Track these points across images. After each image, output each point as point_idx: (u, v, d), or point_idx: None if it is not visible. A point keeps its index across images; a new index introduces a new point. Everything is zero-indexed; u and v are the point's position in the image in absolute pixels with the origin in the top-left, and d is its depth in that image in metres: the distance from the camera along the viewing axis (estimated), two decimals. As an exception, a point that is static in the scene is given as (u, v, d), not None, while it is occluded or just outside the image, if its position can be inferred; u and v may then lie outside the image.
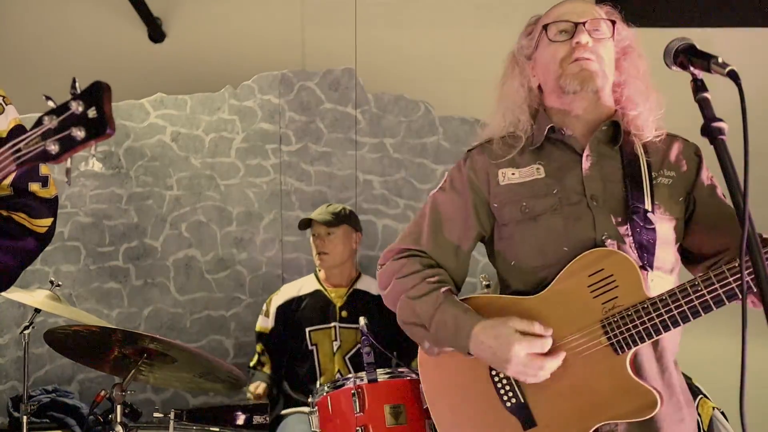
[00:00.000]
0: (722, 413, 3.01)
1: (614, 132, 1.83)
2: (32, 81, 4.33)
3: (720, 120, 1.35)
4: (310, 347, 3.47)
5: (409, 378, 2.70)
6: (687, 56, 1.46)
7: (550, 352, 1.69)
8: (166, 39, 4.75)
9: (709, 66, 1.41)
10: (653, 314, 1.62)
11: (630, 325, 1.64)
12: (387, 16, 4.77)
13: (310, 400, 2.80)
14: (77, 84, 1.26)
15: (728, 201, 1.67)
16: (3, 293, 2.85)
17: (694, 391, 3.04)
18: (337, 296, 3.56)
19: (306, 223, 3.63)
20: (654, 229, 1.73)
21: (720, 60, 1.40)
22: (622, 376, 1.66)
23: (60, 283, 3.33)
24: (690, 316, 1.60)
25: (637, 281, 1.66)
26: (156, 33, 4.71)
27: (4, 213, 1.94)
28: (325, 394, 2.73)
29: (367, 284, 3.65)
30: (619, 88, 1.85)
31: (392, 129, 4.36)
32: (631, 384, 1.66)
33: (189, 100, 4.29)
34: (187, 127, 4.27)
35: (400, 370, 2.73)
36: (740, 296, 1.48)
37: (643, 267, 1.70)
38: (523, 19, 2.00)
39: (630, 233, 1.72)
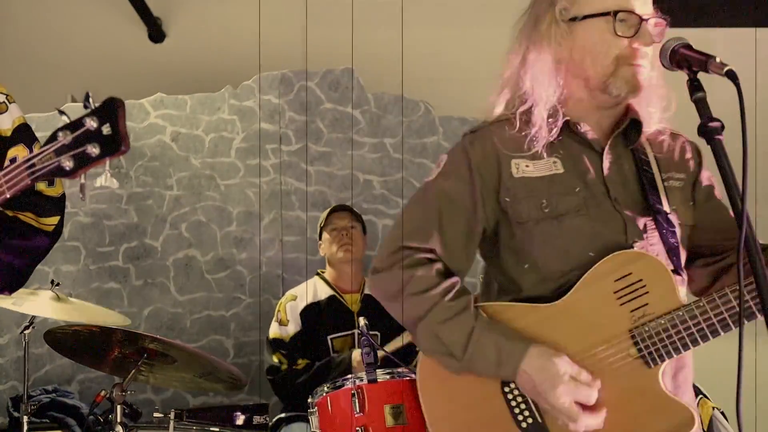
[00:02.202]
0: (722, 413, 3.00)
1: (629, 130, 1.68)
2: (32, 81, 4.33)
3: (717, 120, 1.35)
4: (332, 354, 3.44)
5: (409, 378, 2.70)
6: (684, 56, 1.45)
7: (592, 408, 1.52)
8: (166, 39, 4.75)
9: (707, 66, 1.40)
10: (690, 323, 1.49)
11: (664, 335, 1.50)
12: (387, 16, 4.76)
13: (309, 400, 2.79)
14: (91, 99, 1.27)
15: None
16: (7, 300, 2.85)
17: (695, 391, 3.04)
18: (352, 302, 3.52)
19: (332, 210, 3.56)
20: (675, 232, 1.62)
21: (718, 60, 1.39)
22: (655, 393, 1.52)
23: (59, 282, 3.33)
24: (731, 324, 1.47)
25: (670, 286, 1.52)
26: (156, 33, 4.71)
27: (10, 213, 1.94)
28: (324, 394, 2.73)
29: None
30: None
31: (392, 129, 4.36)
32: (666, 400, 1.52)
33: (189, 100, 4.29)
34: (187, 127, 4.27)
35: (400, 370, 2.73)
36: None
37: (675, 271, 1.57)
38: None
39: (658, 236, 1.60)
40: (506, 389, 1.61)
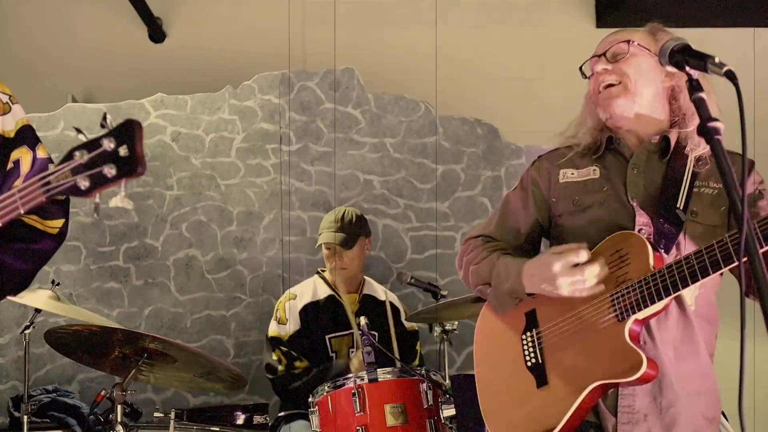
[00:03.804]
0: (722, 413, 3.00)
1: (665, 145, 1.97)
2: (32, 81, 4.34)
3: (716, 120, 1.35)
4: (330, 354, 3.44)
5: (409, 378, 2.70)
6: (683, 56, 1.46)
7: (589, 262, 1.85)
8: (166, 39, 4.75)
9: (706, 66, 1.40)
10: (651, 282, 1.78)
11: (631, 293, 1.80)
12: (387, 16, 4.77)
13: (310, 399, 2.80)
14: (108, 119, 1.28)
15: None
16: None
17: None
18: (350, 302, 3.51)
19: (326, 226, 3.53)
20: (680, 224, 1.88)
21: (717, 60, 1.40)
22: (618, 340, 1.82)
23: (60, 282, 3.34)
24: (689, 278, 1.72)
25: (646, 258, 1.81)
26: (156, 33, 4.71)
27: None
28: (325, 393, 2.73)
29: (373, 288, 3.63)
30: (675, 100, 1.98)
31: (392, 129, 4.36)
32: (624, 347, 1.81)
33: (189, 100, 4.29)
34: (187, 127, 4.27)
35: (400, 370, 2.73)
36: (735, 259, 1.61)
37: (656, 249, 1.83)
38: (522, 20, 2.00)
39: (652, 223, 1.90)
40: (523, 337, 2.02)
